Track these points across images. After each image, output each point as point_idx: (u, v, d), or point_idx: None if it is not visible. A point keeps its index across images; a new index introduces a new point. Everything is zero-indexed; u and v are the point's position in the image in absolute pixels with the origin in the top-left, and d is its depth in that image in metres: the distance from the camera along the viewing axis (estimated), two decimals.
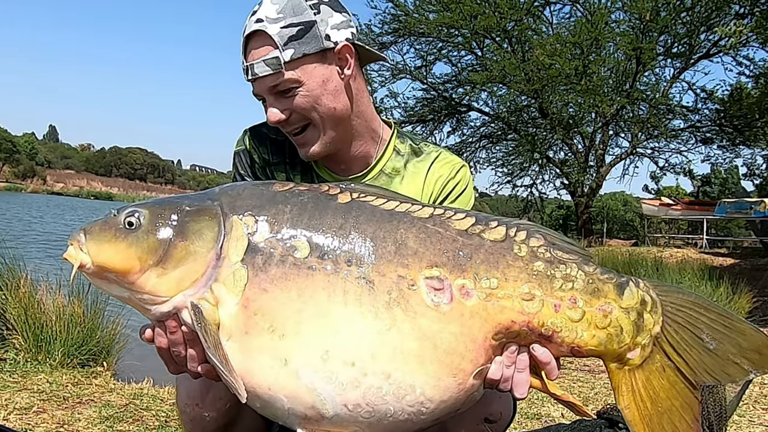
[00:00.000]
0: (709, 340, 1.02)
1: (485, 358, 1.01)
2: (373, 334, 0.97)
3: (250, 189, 1.09)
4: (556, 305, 1.01)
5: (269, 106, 1.32)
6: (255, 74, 1.28)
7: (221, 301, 0.99)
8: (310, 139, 1.35)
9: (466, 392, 1.02)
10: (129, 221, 1.03)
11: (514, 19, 16.10)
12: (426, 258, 1.00)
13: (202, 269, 1.00)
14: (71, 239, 1.04)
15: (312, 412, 0.98)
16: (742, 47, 15.41)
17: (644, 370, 1.04)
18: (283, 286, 0.98)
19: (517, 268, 1.02)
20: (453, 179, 1.48)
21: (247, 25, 1.30)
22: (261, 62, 1.27)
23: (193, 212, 1.04)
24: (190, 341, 1.03)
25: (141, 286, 1.01)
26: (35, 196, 46.36)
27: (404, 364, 0.97)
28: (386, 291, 0.98)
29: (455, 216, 1.07)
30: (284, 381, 0.97)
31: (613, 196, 33.65)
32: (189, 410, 1.32)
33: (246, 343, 0.98)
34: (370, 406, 0.97)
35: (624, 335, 1.03)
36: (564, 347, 1.03)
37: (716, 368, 1.02)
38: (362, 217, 1.03)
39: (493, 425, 1.31)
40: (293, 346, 0.97)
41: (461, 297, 0.99)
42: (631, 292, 1.04)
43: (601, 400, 3.49)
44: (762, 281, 8.74)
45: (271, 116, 1.31)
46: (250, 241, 1.01)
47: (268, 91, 1.30)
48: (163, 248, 1.01)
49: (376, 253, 1.00)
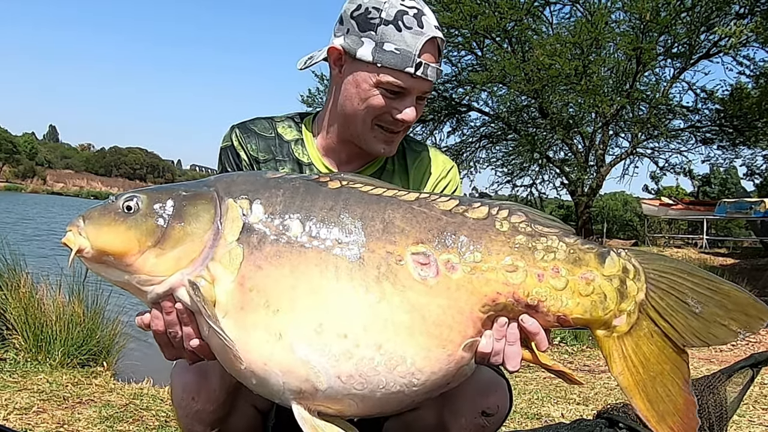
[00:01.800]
0: (695, 303, 1.05)
1: (474, 330, 1.04)
2: (364, 306, 1.00)
3: (244, 176, 1.15)
4: (539, 275, 1.05)
5: (409, 105, 1.34)
6: (426, 75, 1.32)
7: (217, 279, 1.03)
8: (398, 140, 1.42)
9: (457, 364, 1.05)
10: (128, 205, 1.07)
11: (514, 19, 16.08)
12: (412, 235, 1.05)
13: (199, 249, 1.04)
14: (70, 225, 1.07)
15: (306, 385, 1.01)
16: (742, 47, 15.41)
17: (632, 337, 1.07)
18: (277, 263, 1.02)
19: (500, 242, 1.06)
20: (444, 178, 1.52)
21: (425, 24, 1.31)
22: (435, 69, 1.33)
23: (190, 196, 1.08)
24: (185, 319, 1.06)
25: (139, 267, 1.04)
26: (35, 196, 46.35)
27: (395, 336, 1.00)
28: (375, 266, 1.02)
29: (440, 199, 1.11)
30: (279, 355, 1.00)
31: (613, 196, 33.65)
32: (184, 404, 1.32)
33: (242, 319, 1.01)
34: (363, 377, 1.00)
35: (608, 302, 1.06)
36: (551, 316, 1.06)
37: (703, 331, 1.04)
38: (351, 200, 1.08)
39: (490, 418, 1.32)
40: (287, 320, 1.00)
41: (447, 271, 1.03)
42: (612, 261, 1.08)
43: (601, 400, 3.49)
44: (762, 281, 8.75)
45: (411, 114, 1.35)
46: (245, 222, 1.05)
47: (416, 91, 1.34)
48: (162, 230, 1.05)
49: (365, 231, 1.05)
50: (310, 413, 1.04)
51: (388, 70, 1.30)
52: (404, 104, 1.34)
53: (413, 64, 1.29)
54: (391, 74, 1.30)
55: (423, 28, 1.30)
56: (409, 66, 1.29)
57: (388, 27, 1.29)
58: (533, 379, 4.17)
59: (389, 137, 1.39)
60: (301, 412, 1.04)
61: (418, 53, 1.29)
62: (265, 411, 1.42)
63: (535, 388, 3.89)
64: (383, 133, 1.38)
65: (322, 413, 1.05)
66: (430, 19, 1.32)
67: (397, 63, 1.29)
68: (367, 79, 1.33)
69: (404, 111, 1.34)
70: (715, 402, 1.83)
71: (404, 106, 1.34)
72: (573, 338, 5.84)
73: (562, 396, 3.59)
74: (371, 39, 1.30)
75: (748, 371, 1.91)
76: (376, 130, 1.38)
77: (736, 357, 4.70)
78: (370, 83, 1.32)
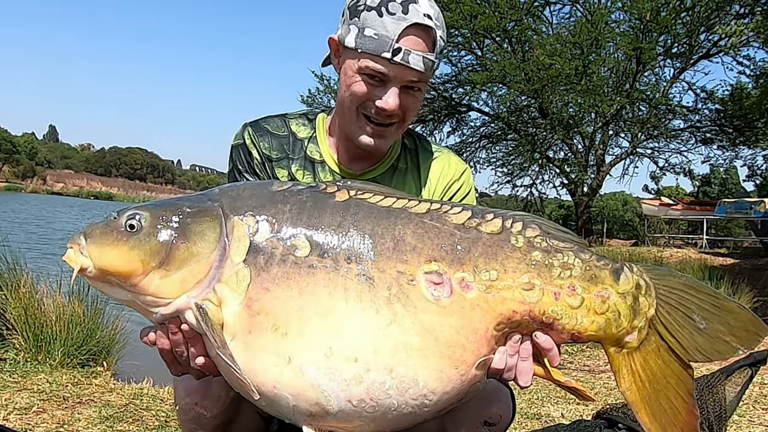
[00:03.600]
0: (700, 320, 1.06)
1: (488, 348, 1.03)
2: (375, 329, 0.98)
3: (249, 189, 1.10)
4: (555, 293, 1.04)
5: (391, 94, 1.30)
6: (407, 62, 1.27)
7: (224, 302, 1.00)
8: (389, 134, 1.38)
9: (469, 383, 1.03)
10: (130, 224, 1.03)
11: (514, 19, 16.08)
12: (424, 253, 1.02)
13: (205, 270, 1.01)
14: (71, 242, 1.04)
15: (317, 408, 0.99)
16: (742, 47, 15.41)
17: (641, 352, 1.07)
18: (285, 285, 0.99)
19: (516, 259, 1.04)
20: (457, 181, 1.51)
21: (411, 10, 1.26)
22: (420, 57, 1.28)
23: (195, 213, 1.04)
24: (191, 340, 1.03)
25: (144, 288, 1.01)
26: (35, 196, 46.34)
27: (406, 358, 0.98)
28: (386, 287, 0.99)
29: (452, 210, 1.09)
30: (288, 379, 0.98)
31: (613, 196, 33.62)
32: (188, 408, 1.31)
33: (250, 343, 0.99)
34: (374, 400, 0.98)
35: (622, 319, 1.06)
36: (565, 334, 1.06)
37: (707, 346, 1.05)
38: (360, 215, 1.05)
39: (493, 428, 1.31)
40: (296, 344, 0.98)
41: (461, 290, 1.01)
42: (626, 277, 1.07)
43: (601, 400, 3.48)
44: (762, 281, 8.74)
45: (392, 102, 1.30)
46: (251, 241, 1.02)
47: (400, 80, 1.30)
48: (166, 250, 1.01)
49: (375, 249, 1.01)
50: None
51: (367, 55, 1.27)
52: (384, 92, 1.30)
53: (390, 49, 1.25)
54: (371, 59, 1.27)
55: (407, 14, 1.25)
56: (386, 51, 1.25)
57: (370, 12, 1.26)
58: (533, 379, 4.16)
59: (377, 130, 1.35)
60: None
61: (396, 38, 1.25)
62: (268, 416, 1.41)
63: (535, 388, 3.89)
64: (369, 124, 1.34)
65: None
66: (421, 8, 1.27)
67: (375, 48, 1.26)
68: (352, 65, 1.31)
69: (384, 99, 1.29)
70: (714, 401, 1.83)
71: (384, 94, 1.30)
72: None
73: (562, 396, 3.58)
74: (356, 25, 1.28)
75: (747, 370, 1.91)
76: (362, 120, 1.34)
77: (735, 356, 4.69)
78: (353, 70, 1.30)
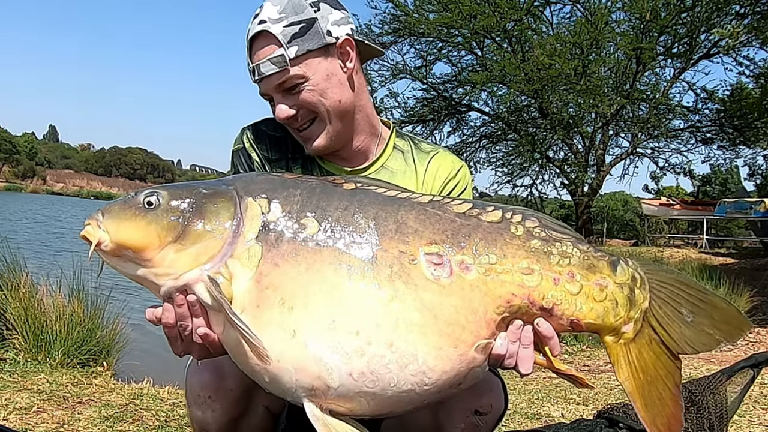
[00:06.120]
0: (687, 313, 1.11)
1: (487, 331, 1.05)
2: (377, 305, 1.01)
3: (263, 176, 1.17)
4: (555, 278, 1.07)
5: (277, 103, 1.37)
6: (262, 73, 1.34)
7: (235, 276, 1.04)
8: (315, 133, 1.41)
9: (468, 364, 1.05)
10: (149, 201, 1.08)
11: (514, 19, 16.07)
12: (426, 236, 1.06)
13: (219, 246, 1.05)
14: (89, 218, 1.08)
15: (318, 383, 1.01)
16: (742, 47, 15.39)
17: (636, 344, 1.12)
18: (293, 261, 1.04)
19: (515, 246, 1.08)
20: (453, 178, 1.53)
21: (251, 27, 1.35)
22: (267, 61, 1.33)
23: (211, 194, 1.10)
24: (195, 311, 1.06)
25: (158, 262, 1.05)
26: (35, 196, 46.36)
27: (406, 334, 1.01)
28: (388, 265, 1.03)
29: (453, 202, 1.13)
30: (292, 352, 1.01)
31: (613, 196, 33.67)
32: (200, 401, 1.33)
33: (257, 317, 1.02)
34: (374, 374, 1.00)
35: (619, 308, 1.10)
36: (564, 320, 1.08)
37: (694, 339, 1.11)
38: (366, 200, 1.10)
39: (484, 417, 1.32)
40: (301, 317, 1.01)
41: (461, 271, 1.04)
42: (623, 269, 1.12)
43: (601, 400, 3.49)
44: (762, 281, 8.74)
45: (280, 113, 1.37)
46: (263, 220, 1.07)
47: (275, 89, 1.36)
48: (182, 225, 1.06)
49: (379, 231, 1.06)
50: (322, 411, 1.04)
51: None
52: (276, 105, 1.38)
53: (252, 73, 1.36)
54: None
55: (248, 34, 1.35)
56: (252, 76, 1.36)
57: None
58: (533, 379, 4.17)
59: (304, 135, 1.42)
60: (312, 410, 1.04)
61: (250, 60, 1.36)
62: (277, 413, 1.42)
63: (535, 388, 3.89)
64: (298, 134, 1.43)
65: (334, 412, 1.05)
66: (258, 17, 1.34)
67: (251, 78, 1.38)
68: None
69: (276, 113, 1.38)
70: (716, 402, 1.83)
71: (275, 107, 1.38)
72: (573, 338, 5.83)
73: (562, 396, 3.59)
74: None
75: (748, 371, 1.91)
76: (296, 133, 1.43)
77: (737, 357, 4.70)
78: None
